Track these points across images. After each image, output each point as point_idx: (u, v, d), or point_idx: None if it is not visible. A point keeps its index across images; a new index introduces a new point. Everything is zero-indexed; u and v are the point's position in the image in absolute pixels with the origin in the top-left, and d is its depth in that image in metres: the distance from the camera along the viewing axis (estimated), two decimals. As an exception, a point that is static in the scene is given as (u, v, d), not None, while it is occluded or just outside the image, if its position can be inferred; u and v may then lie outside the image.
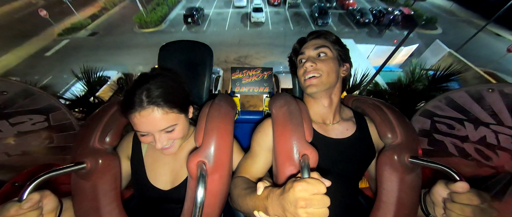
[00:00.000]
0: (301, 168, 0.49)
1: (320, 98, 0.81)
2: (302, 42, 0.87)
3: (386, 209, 0.66)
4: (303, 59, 0.82)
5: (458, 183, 0.50)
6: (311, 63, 0.76)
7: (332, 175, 0.75)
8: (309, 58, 0.78)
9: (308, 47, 0.81)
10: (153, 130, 0.63)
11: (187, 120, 0.74)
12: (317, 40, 0.83)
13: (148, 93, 0.61)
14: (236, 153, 0.84)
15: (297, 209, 0.41)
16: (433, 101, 0.83)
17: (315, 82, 0.76)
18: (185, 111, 0.71)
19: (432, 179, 0.90)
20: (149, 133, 0.64)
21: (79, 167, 0.63)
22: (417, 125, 0.94)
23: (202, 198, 0.56)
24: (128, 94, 0.62)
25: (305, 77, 0.78)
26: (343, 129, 0.82)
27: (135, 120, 0.61)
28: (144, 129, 0.63)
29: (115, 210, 0.67)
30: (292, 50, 0.91)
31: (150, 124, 0.62)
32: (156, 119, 0.62)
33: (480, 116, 0.73)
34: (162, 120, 0.63)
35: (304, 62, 0.79)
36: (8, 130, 0.84)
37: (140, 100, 0.60)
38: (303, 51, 0.82)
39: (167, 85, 0.65)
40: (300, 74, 0.81)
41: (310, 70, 0.77)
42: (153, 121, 0.62)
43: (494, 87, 0.65)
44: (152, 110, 0.61)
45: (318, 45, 0.80)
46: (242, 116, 1.18)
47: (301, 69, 0.81)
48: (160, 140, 0.65)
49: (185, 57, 1.09)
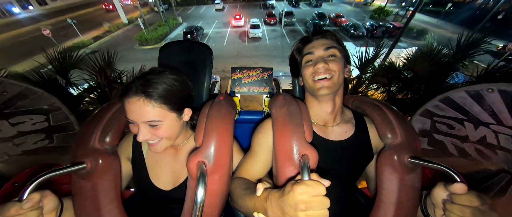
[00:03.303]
0: (301, 168, 0.49)
1: (326, 101, 0.79)
2: (306, 41, 0.83)
3: (386, 209, 0.67)
4: (312, 59, 0.78)
5: (457, 185, 0.50)
6: (323, 64, 0.73)
7: (330, 176, 0.75)
8: (321, 59, 0.75)
9: (316, 47, 0.78)
10: (138, 120, 0.63)
11: (179, 121, 0.72)
12: (324, 40, 0.79)
13: (145, 83, 0.62)
14: (236, 153, 0.84)
15: (297, 212, 0.41)
16: (433, 101, 0.83)
17: (328, 84, 0.73)
18: (177, 111, 0.69)
19: (432, 180, 0.90)
20: (135, 123, 0.65)
21: (79, 167, 0.63)
22: (417, 125, 0.94)
23: (202, 198, 0.56)
24: (130, 81, 0.64)
25: (315, 78, 0.75)
26: (342, 131, 0.82)
27: (125, 105, 0.63)
28: (130, 117, 0.64)
29: (115, 210, 0.68)
30: (295, 49, 0.86)
31: (135, 112, 0.62)
32: (142, 109, 0.62)
33: (480, 116, 0.73)
34: (148, 112, 0.62)
35: (315, 63, 0.75)
36: (8, 130, 0.84)
37: (135, 87, 0.62)
38: (312, 51, 0.78)
39: (168, 82, 0.65)
40: (308, 75, 0.78)
41: (322, 71, 0.74)
42: (138, 110, 0.62)
43: (494, 87, 0.65)
44: (139, 99, 0.61)
45: (327, 45, 0.77)
46: (242, 116, 1.18)
47: (309, 69, 0.77)
48: (142, 132, 0.64)
49: (185, 57, 1.09)
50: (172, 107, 0.67)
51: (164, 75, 0.66)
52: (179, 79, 0.69)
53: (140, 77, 0.64)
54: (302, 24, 18.67)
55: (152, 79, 0.63)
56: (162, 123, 0.66)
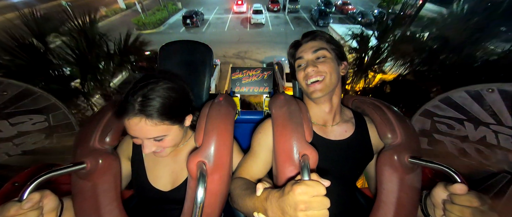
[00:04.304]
0: (301, 168, 0.49)
1: (322, 102, 0.80)
2: (297, 45, 0.84)
3: (386, 209, 0.66)
4: (301, 64, 0.80)
5: (457, 185, 0.50)
6: (312, 68, 0.74)
7: (330, 176, 0.75)
8: (309, 62, 0.76)
9: (305, 50, 0.79)
10: (142, 137, 0.63)
11: (181, 128, 0.71)
12: (313, 42, 0.80)
13: (142, 101, 0.59)
14: (236, 153, 0.84)
15: (297, 212, 0.41)
16: (433, 101, 0.83)
17: (320, 87, 0.74)
18: (179, 122, 0.69)
19: (432, 180, 0.90)
20: (138, 138, 0.64)
21: (79, 167, 0.63)
22: (417, 125, 0.94)
23: (202, 198, 0.56)
24: (125, 97, 0.61)
25: (307, 81, 0.76)
26: (342, 130, 0.82)
27: (125, 124, 0.62)
28: (132, 134, 0.63)
29: (115, 210, 0.67)
30: (288, 54, 0.87)
31: (138, 132, 0.62)
32: (144, 129, 0.61)
33: (480, 116, 0.73)
34: (151, 131, 0.62)
35: (305, 67, 0.77)
36: (8, 130, 0.84)
37: (132, 107, 0.59)
38: (301, 55, 0.80)
39: (166, 95, 0.62)
40: (301, 79, 0.79)
41: (312, 74, 0.74)
42: (141, 130, 0.61)
43: (494, 87, 0.65)
44: (140, 120, 0.59)
45: (315, 47, 0.77)
46: (242, 116, 1.18)
47: (301, 73, 0.78)
48: (148, 146, 0.64)
49: (185, 57, 1.09)
50: (174, 121, 0.66)
51: (160, 87, 0.62)
52: (176, 88, 0.66)
53: (135, 92, 0.60)
54: (307, 11, 18.06)
55: (149, 96, 0.60)
56: (166, 137, 0.66)
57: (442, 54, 1.94)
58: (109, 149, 0.71)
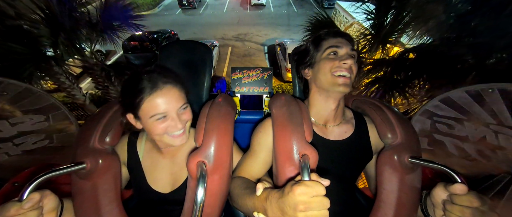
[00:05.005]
0: (301, 168, 0.49)
1: (335, 98, 0.78)
2: (329, 35, 0.80)
3: (386, 209, 0.66)
4: (337, 52, 0.76)
5: (457, 185, 0.50)
6: (352, 61, 0.72)
7: (330, 176, 0.75)
8: (350, 56, 0.73)
9: (345, 44, 0.76)
10: (172, 109, 0.65)
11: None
12: (349, 42, 0.78)
13: (160, 74, 0.65)
14: (235, 153, 0.84)
15: (297, 212, 0.41)
16: (433, 101, 0.83)
17: (348, 82, 0.73)
18: (187, 97, 0.75)
19: (432, 180, 0.90)
20: (167, 115, 0.65)
21: (79, 167, 0.63)
22: (417, 125, 0.94)
23: (202, 198, 0.56)
24: (135, 81, 0.63)
25: (337, 73, 0.73)
26: (341, 131, 0.82)
27: (152, 102, 0.62)
28: (162, 109, 0.63)
29: (115, 210, 0.67)
30: (314, 39, 0.82)
31: (170, 101, 0.64)
32: (175, 96, 0.65)
33: (480, 116, 0.73)
34: (180, 98, 0.67)
35: (342, 58, 0.73)
36: (8, 130, 0.84)
37: (154, 81, 0.63)
38: (340, 45, 0.75)
39: (169, 71, 0.70)
40: (327, 68, 0.75)
41: (347, 67, 0.72)
42: (172, 98, 0.64)
43: (494, 87, 0.65)
44: (171, 88, 0.64)
45: (352, 47, 0.77)
46: (242, 116, 1.18)
47: (331, 62, 0.74)
48: (176, 121, 0.66)
49: (185, 57, 1.09)
50: (186, 95, 0.72)
51: (160, 68, 0.70)
52: (173, 71, 0.74)
53: (155, 70, 0.66)
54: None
55: (165, 72, 0.67)
56: (188, 107, 0.71)
57: (475, 19, 1.69)
58: (109, 149, 0.71)
